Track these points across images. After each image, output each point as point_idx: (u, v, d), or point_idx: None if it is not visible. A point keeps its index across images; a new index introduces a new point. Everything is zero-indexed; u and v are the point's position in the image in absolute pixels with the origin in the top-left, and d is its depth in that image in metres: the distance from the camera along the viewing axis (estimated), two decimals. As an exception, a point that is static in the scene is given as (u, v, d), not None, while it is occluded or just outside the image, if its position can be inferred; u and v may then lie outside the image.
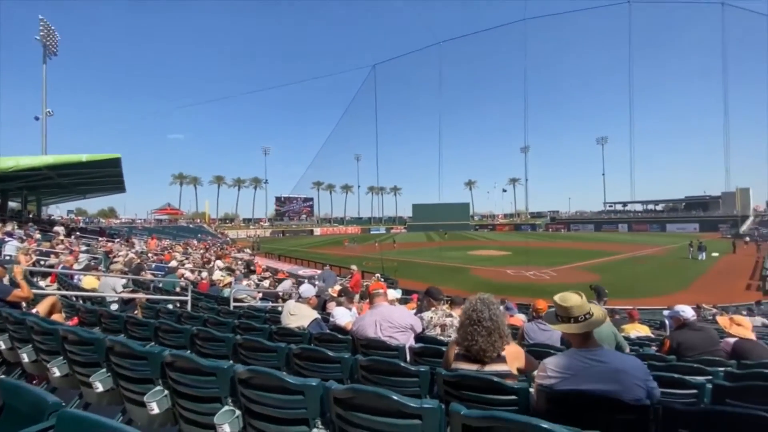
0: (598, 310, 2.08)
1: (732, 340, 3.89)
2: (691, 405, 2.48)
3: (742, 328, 3.85)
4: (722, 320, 4.23)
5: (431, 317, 3.77)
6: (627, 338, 5.68)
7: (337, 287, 8.73)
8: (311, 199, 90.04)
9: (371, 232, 76.00)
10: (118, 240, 23.11)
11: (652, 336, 6.69)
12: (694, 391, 2.59)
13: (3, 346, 3.37)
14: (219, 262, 17.28)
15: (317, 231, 76.90)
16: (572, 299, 2.06)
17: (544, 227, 75.03)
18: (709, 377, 2.98)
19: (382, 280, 12.99)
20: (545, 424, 1.29)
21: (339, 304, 5.54)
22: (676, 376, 2.67)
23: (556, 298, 2.12)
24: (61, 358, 2.84)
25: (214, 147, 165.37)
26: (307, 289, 4.48)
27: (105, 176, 21.22)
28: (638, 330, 6.84)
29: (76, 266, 9.20)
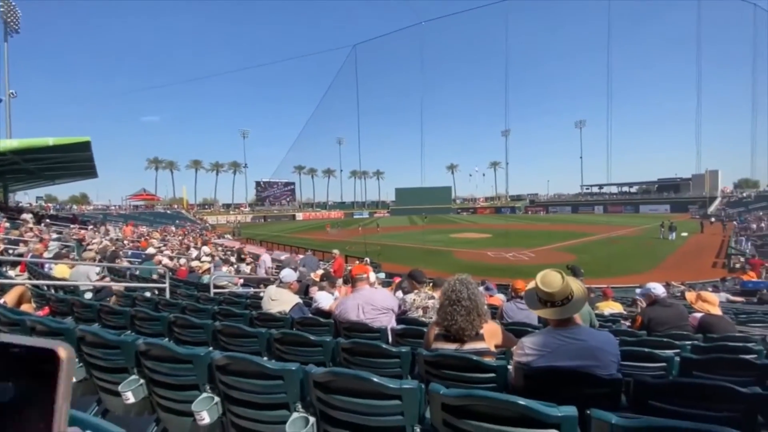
0: (578, 288, 2.10)
1: (699, 315, 4.08)
2: (661, 377, 2.59)
3: (708, 303, 4.03)
4: (690, 296, 4.43)
5: (414, 299, 3.80)
6: (601, 315, 5.91)
7: (320, 272, 8.70)
8: (292, 184, 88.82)
9: (354, 217, 75.78)
10: (91, 227, 22.31)
11: (625, 313, 6.97)
12: (663, 364, 2.71)
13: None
14: (206, 248, 16.94)
15: (299, 216, 76.17)
16: (554, 283, 2.04)
17: (523, 210, 76.47)
18: (677, 351, 3.12)
19: (368, 262, 12.99)
20: (522, 401, 1.31)
21: (321, 288, 5.53)
22: (646, 350, 2.78)
23: (539, 281, 2.09)
24: (30, 349, 2.73)
25: (191, 130, 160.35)
26: (288, 274, 4.42)
27: (74, 161, 20.23)
28: (611, 307, 7.10)
29: (46, 254, 8.83)
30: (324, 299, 4.88)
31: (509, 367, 2.25)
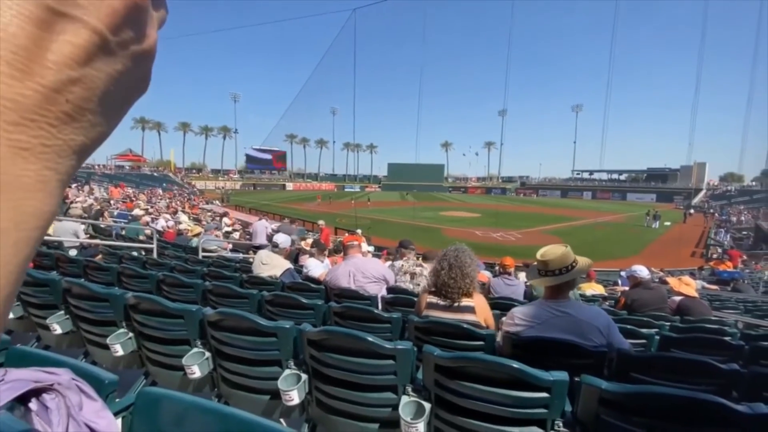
0: (582, 263, 2.16)
1: (678, 298, 4.21)
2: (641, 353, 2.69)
3: (690, 287, 4.16)
4: (672, 281, 4.56)
5: (402, 265, 3.83)
6: (582, 296, 6.08)
7: (309, 240, 8.70)
8: (284, 152, 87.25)
9: (345, 190, 75.37)
10: (75, 185, 21.74)
11: (605, 294, 7.21)
12: (644, 341, 2.80)
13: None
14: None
15: (290, 186, 75.31)
16: (550, 253, 2.11)
17: (514, 192, 76.99)
18: (656, 330, 3.23)
19: (360, 233, 13.02)
20: (516, 364, 1.33)
21: (311, 255, 5.53)
22: (629, 327, 2.86)
23: (539, 252, 2.17)
24: (14, 300, 2.67)
25: (180, 91, 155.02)
26: (283, 240, 4.39)
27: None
28: (594, 288, 7.33)
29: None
30: (314, 266, 4.88)
31: (497, 339, 2.30)
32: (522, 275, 5.48)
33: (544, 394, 1.32)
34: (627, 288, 5.24)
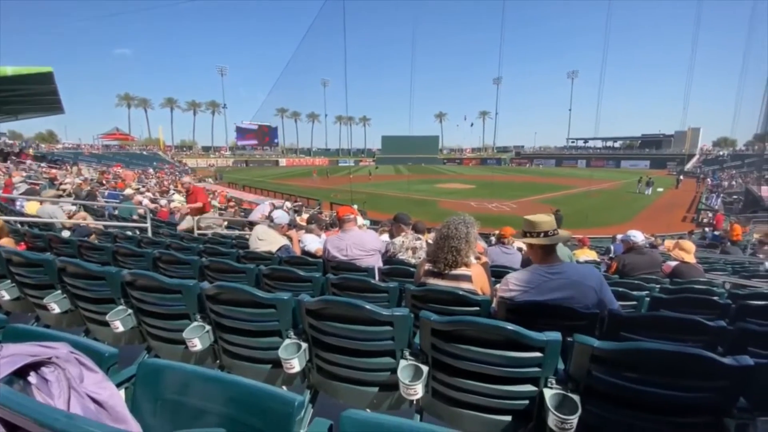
0: (563, 231, 2.20)
1: (673, 263, 4.27)
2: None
3: (684, 252, 4.19)
4: (668, 243, 4.61)
5: (402, 241, 3.84)
6: (576, 262, 6.21)
7: (305, 216, 8.67)
8: (275, 128, 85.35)
9: (339, 164, 74.58)
10: (48, 164, 21.30)
11: (598, 260, 7.35)
12: (635, 302, 2.87)
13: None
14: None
15: (282, 162, 74.29)
16: (541, 217, 2.17)
17: (509, 162, 76.64)
18: (647, 292, 3.31)
19: (355, 207, 12.98)
20: (510, 326, 1.37)
21: (309, 231, 5.53)
22: (621, 290, 2.93)
23: (526, 216, 2.22)
24: (9, 281, 2.67)
25: (166, 66, 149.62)
26: (281, 216, 4.38)
27: (37, 93, 18.74)
28: (587, 255, 7.51)
29: (15, 192, 8.45)
30: (311, 242, 4.90)
31: (492, 305, 2.34)
32: (517, 243, 5.51)
33: (538, 354, 1.36)
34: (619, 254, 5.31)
